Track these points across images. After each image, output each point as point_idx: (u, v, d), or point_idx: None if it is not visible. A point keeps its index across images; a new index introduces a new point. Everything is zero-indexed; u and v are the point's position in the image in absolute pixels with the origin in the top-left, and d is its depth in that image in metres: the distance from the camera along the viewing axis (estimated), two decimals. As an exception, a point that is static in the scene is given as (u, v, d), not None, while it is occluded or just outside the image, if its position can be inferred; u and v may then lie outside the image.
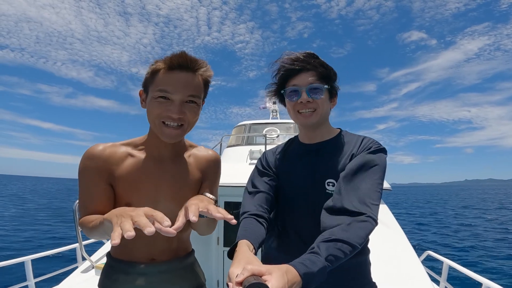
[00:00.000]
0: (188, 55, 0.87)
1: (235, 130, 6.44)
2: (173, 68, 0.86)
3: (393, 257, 2.50)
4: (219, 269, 4.22)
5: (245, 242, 0.81)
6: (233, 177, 3.76)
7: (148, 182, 0.93)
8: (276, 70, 1.02)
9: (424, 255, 3.33)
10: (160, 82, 0.86)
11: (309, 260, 0.66)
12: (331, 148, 1.01)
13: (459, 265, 2.63)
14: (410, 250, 2.69)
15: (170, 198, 0.96)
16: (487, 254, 10.53)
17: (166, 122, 0.87)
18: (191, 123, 0.92)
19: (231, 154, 5.51)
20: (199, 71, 0.89)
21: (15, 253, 9.27)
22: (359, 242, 0.74)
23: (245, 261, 0.67)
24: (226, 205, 4.36)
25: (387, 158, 0.95)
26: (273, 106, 7.89)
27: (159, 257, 0.97)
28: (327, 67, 0.99)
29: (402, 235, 2.93)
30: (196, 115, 0.92)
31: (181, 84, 0.85)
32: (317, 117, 0.98)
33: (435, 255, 3.14)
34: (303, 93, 0.96)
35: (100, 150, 0.92)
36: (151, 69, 0.89)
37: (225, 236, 4.27)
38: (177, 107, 0.86)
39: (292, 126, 5.87)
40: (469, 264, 9.05)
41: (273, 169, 1.08)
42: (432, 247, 11.02)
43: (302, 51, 0.99)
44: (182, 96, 0.86)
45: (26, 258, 2.69)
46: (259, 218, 0.94)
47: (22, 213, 20.37)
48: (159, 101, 0.86)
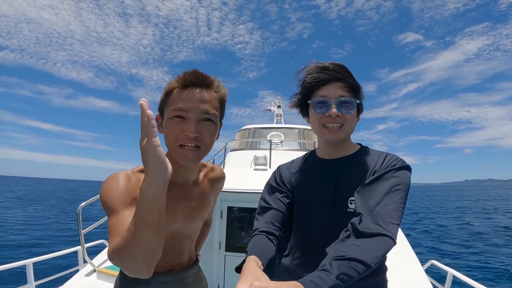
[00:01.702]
0: (200, 72, 0.85)
1: (239, 134, 6.43)
2: (187, 86, 0.84)
3: (396, 265, 2.47)
4: (220, 274, 4.19)
5: (253, 258, 0.79)
6: (237, 182, 3.74)
7: (169, 209, 0.87)
8: (302, 79, 0.96)
9: (427, 264, 3.28)
10: (174, 101, 0.84)
11: (319, 278, 0.63)
12: (352, 164, 0.95)
13: (464, 275, 2.58)
14: (413, 258, 2.66)
15: (188, 218, 0.98)
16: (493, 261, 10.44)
17: (183, 144, 0.83)
18: (208, 145, 0.87)
19: (234, 158, 5.50)
20: (213, 87, 0.87)
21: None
22: (375, 262, 0.70)
23: (253, 277, 0.65)
24: (229, 210, 4.34)
25: (411, 176, 0.89)
26: (277, 110, 7.86)
27: (176, 266, 1.00)
28: (355, 80, 0.94)
29: (405, 243, 2.89)
30: (213, 136, 0.88)
31: (195, 101, 0.83)
32: (343, 133, 0.92)
33: (439, 265, 3.09)
34: (333, 106, 0.89)
35: (128, 175, 0.86)
36: (165, 89, 0.88)
37: (227, 241, 4.24)
38: (193, 125, 0.82)
39: (297, 132, 5.83)
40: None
41: (287, 185, 1.05)
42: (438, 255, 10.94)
43: (331, 62, 0.93)
44: (197, 113, 0.83)
45: (27, 261, 2.68)
46: (269, 235, 0.92)
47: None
48: (175, 121, 0.83)
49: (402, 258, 2.63)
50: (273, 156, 4.52)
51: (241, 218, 4.31)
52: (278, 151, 5.20)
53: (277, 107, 7.89)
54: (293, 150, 5.45)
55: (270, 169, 4.34)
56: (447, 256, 10.91)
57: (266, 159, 4.53)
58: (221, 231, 4.25)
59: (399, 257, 2.63)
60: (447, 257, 10.59)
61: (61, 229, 14.86)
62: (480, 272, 8.87)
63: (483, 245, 12.72)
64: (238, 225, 4.31)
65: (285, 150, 5.43)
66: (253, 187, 3.51)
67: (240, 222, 4.31)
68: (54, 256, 2.98)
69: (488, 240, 13.84)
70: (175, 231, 0.95)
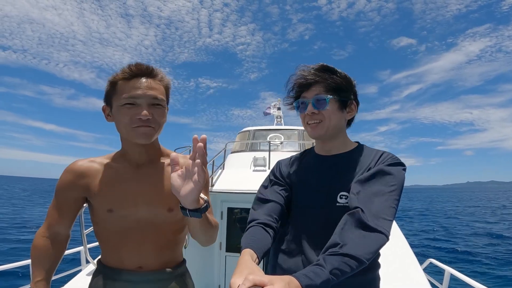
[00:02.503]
0: (144, 63, 0.94)
1: (239, 136, 6.45)
2: (134, 76, 0.92)
3: (394, 264, 2.49)
4: (221, 274, 4.22)
5: (248, 251, 0.79)
6: (237, 184, 3.78)
7: (127, 188, 0.98)
8: (292, 85, 1.05)
9: (426, 262, 3.30)
10: (124, 90, 0.91)
11: (313, 272, 0.65)
12: (347, 161, 0.99)
13: (461, 274, 2.60)
14: (411, 257, 2.68)
15: (150, 200, 0.98)
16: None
17: (138, 126, 0.91)
18: (160, 124, 0.96)
19: (234, 160, 5.51)
20: (157, 78, 0.96)
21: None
22: (367, 258, 0.72)
23: (247, 271, 0.66)
24: (229, 211, 4.37)
25: (405, 174, 0.91)
26: (277, 112, 7.88)
27: (146, 265, 0.98)
28: (338, 78, 0.99)
29: (404, 242, 2.92)
30: (164, 117, 0.97)
31: (145, 89, 0.91)
32: (323, 129, 0.98)
33: (437, 263, 3.10)
34: (309, 104, 0.98)
35: (78, 166, 1.00)
36: (110, 81, 0.95)
37: (227, 242, 4.27)
38: (145, 110, 0.90)
39: (297, 133, 5.85)
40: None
41: (286, 179, 1.08)
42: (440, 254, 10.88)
43: (315, 64, 1.01)
44: (147, 100, 0.91)
45: (30, 260, 2.71)
46: (266, 227, 0.92)
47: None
48: (127, 107, 0.91)
49: (400, 257, 2.65)
50: (272, 157, 4.53)
51: (241, 218, 4.33)
52: (278, 152, 5.23)
53: (277, 109, 7.92)
54: (292, 151, 5.47)
55: (269, 170, 4.31)
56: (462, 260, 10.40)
57: (265, 160, 4.54)
58: (222, 232, 4.27)
59: (397, 256, 2.65)
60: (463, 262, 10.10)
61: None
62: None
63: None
64: (238, 226, 4.34)
65: (285, 151, 5.46)
66: (252, 187, 3.54)
67: (240, 223, 4.33)
68: None
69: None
70: (128, 215, 0.96)
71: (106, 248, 1.02)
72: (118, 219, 0.96)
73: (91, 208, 1.03)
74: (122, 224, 0.97)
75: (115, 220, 0.96)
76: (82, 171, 0.99)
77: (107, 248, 1.02)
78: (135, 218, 0.97)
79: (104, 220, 0.98)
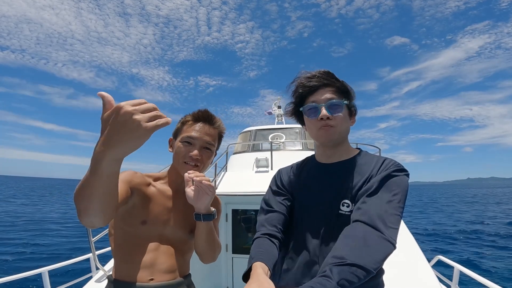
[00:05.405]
0: (209, 112, 1.15)
1: (240, 137, 6.46)
2: (197, 121, 1.14)
3: (402, 261, 2.49)
4: (228, 276, 4.26)
5: (259, 264, 0.81)
6: (240, 185, 3.81)
7: (163, 206, 1.11)
8: (294, 89, 1.02)
9: (434, 259, 3.29)
10: (186, 130, 1.13)
11: (319, 284, 0.64)
12: (349, 168, 0.97)
13: (470, 271, 2.59)
14: (419, 254, 2.67)
15: (179, 222, 1.12)
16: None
17: (187, 162, 1.10)
18: (205, 165, 1.15)
19: (237, 161, 5.52)
20: (216, 125, 1.16)
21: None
22: (375, 267, 0.71)
23: (257, 284, 0.68)
24: (233, 213, 4.40)
25: (409, 180, 0.90)
26: (278, 110, 7.87)
27: (158, 277, 1.02)
28: (344, 83, 0.99)
29: (411, 239, 2.92)
30: (210, 159, 1.16)
31: (201, 133, 1.12)
32: (335, 134, 0.96)
33: (445, 260, 3.09)
34: (323, 109, 0.94)
35: (138, 173, 1.12)
36: (181, 121, 1.17)
37: (233, 243, 4.31)
38: (197, 150, 1.10)
39: (298, 132, 5.82)
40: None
41: (287, 188, 1.08)
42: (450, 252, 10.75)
43: (318, 70, 0.99)
44: (201, 142, 1.11)
45: (43, 269, 2.77)
46: (272, 238, 0.93)
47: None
48: (184, 144, 1.11)
49: (407, 254, 2.64)
50: (274, 157, 4.53)
51: (246, 219, 4.36)
52: (280, 152, 5.22)
53: (277, 108, 7.91)
54: (295, 151, 5.45)
55: (272, 170, 4.36)
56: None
57: (267, 161, 4.54)
58: (227, 234, 4.31)
59: (405, 252, 2.65)
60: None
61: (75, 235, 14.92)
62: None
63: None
64: (243, 227, 4.37)
65: (287, 151, 5.45)
66: (255, 189, 3.57)
67: (245, 223, 4.36)
68: (68, 264, 3.07)
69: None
70: (156, 230, 1.07)
71: (122, 258, 1.05)
72: (146, 231, 1.05)
73: (123, 216, 1.04)
74: (148, 237, 1.05)
75: (142, 232, 1.04)
76: (140, 176, 1.10)
77: (123, 258, 1.05)
78: (160, 233, 1.08)
79: (133, 231, 1.04)
